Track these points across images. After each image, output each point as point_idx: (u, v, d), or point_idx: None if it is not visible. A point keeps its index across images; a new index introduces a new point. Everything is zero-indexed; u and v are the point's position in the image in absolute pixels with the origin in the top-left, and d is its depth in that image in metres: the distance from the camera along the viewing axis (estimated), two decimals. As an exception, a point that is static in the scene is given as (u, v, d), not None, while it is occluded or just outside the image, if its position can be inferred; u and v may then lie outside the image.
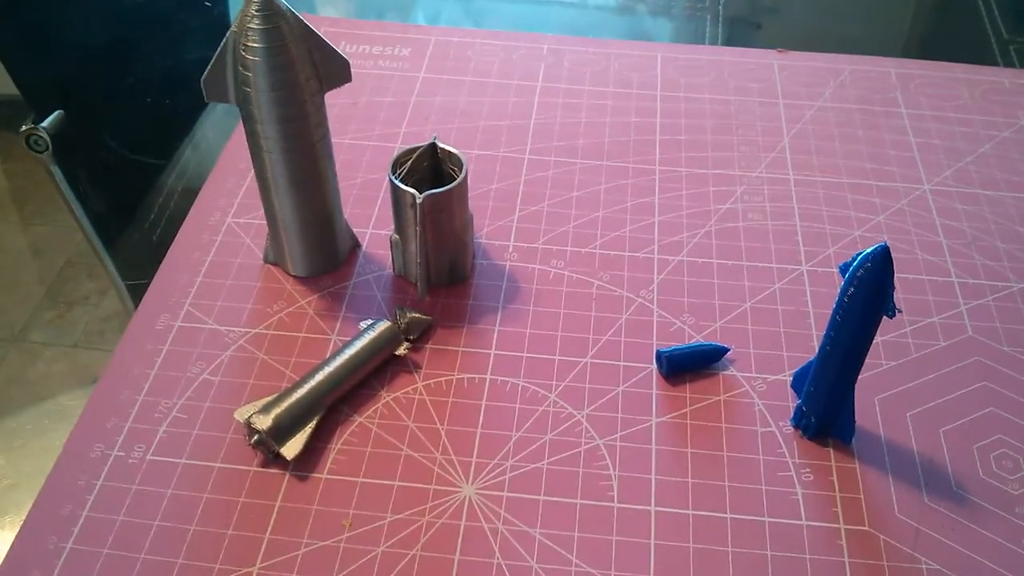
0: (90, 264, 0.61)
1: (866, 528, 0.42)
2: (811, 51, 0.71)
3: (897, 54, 0.72)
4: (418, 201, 0.47)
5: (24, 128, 0.64)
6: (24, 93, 0.71)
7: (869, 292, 0.39)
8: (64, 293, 0.58)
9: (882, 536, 0.42)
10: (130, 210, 0.62)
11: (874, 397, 0.47)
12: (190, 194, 0.59)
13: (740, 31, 0.77)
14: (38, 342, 0.55)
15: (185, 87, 0.72)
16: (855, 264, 0.39)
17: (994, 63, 0.72)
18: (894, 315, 0.40)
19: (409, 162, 0.50)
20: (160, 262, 0.53)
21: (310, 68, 0.45)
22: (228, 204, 0.57)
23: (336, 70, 0.47)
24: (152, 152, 0.67)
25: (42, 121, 0.64)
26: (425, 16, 0.79)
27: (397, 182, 0.48)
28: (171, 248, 0.54)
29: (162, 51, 0.75)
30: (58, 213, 0.67)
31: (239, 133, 0.62)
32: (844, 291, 0.40)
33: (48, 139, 0.64)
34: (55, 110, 0.65)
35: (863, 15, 0.81)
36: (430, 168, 0.51)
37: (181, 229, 0.55)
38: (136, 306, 0.51)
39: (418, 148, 0.50)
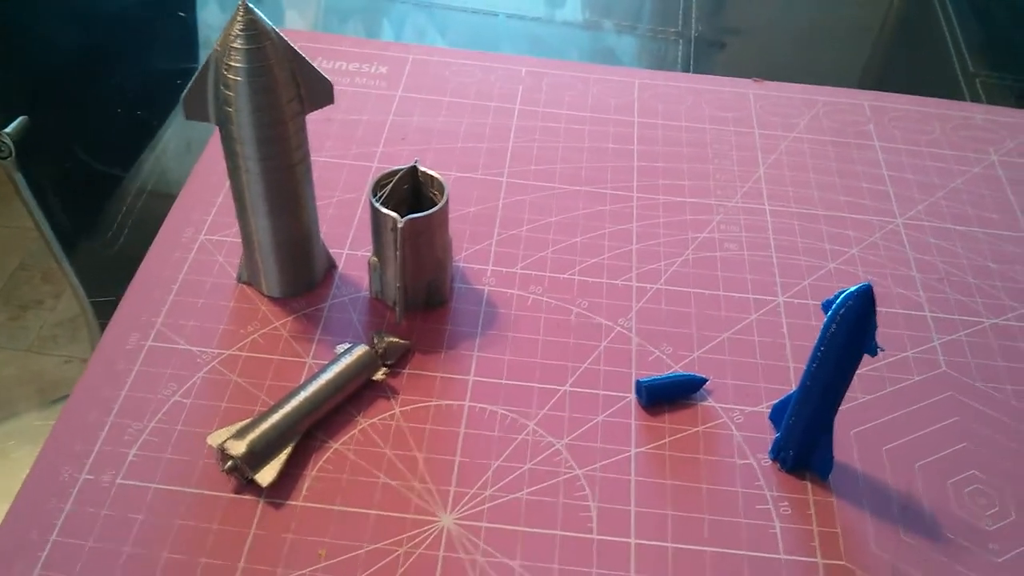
0: (45, 268, 0.60)
1: (843, 563, 0.42)
2: (775, 76, 0.71)
3: (859, 84, 0.73)
4: (399, 225, 0.46)
5: (-12, 133, 0.62)
6: (-12, 98, 0.69)
7: (851, 330, 0.40)
8: (17, 296, 0.57)
9: (859, 571, 0.42)
10: (92, 219, 0.61)
11: (850, 431, 0.47)
12: (152, 205, 0.58)
13: (703, 51, 0.77)
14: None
15: (152, 97, 0.71)
16: (838, 302, 0.40)
17: (960, 97, 0.73)
18: (876, 354, 0.40)
19: (389, 185, 0.49)
20: (122, 273, 0.52)
21: (293, 89, 0.45)
22: (201, 220, 0.56)
23: (318, 91, 0.46)
24: (116, 161, 0.66)
25: (6, 127, 0.63)
26: (391, 25, 0.78)
27: (378, 205, 0.48)
28: (142, 264, 0.53)
29: (130, 60, 0.73)
30: (12, 215, 0.66)
31: (212, 147, 0.61)
32: (826, 328, 0.40)
33: (11, 145, 0.62)
34: (19, 116, 0.64)
35: (828, 42, 0.82)
36: (410, 191, 0.51)
37: (152, 245, 0.54)
38: (97, 318, 0.50)
39: (399, 171, 0.50)
